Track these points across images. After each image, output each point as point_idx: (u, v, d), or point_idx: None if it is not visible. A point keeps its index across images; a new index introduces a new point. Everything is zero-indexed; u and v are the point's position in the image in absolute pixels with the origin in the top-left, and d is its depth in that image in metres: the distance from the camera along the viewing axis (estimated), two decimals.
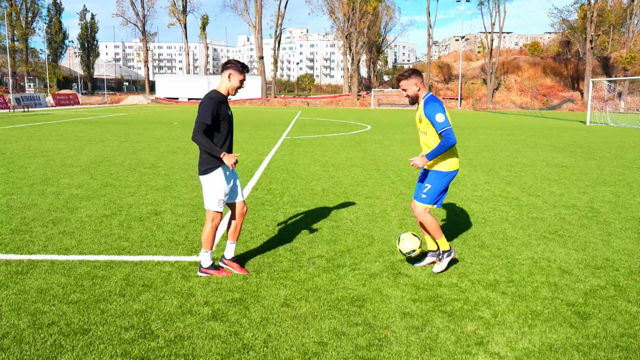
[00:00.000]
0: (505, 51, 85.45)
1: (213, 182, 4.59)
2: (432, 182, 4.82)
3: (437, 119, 4.60)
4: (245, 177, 10.14)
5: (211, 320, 3.85)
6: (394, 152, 15.05)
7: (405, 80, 4.76)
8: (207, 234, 4.69)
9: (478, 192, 8.99)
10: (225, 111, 4.58)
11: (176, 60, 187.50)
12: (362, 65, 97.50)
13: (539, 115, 45.60)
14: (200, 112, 4.44)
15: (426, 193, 4.84)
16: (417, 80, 4.74)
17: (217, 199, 4.62)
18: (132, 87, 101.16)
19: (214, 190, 4.61)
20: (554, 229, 6.62)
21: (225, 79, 4.61)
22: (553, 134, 23.19)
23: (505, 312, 4.08)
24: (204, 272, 4.73)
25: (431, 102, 4.67)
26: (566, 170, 11.79)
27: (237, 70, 4.60)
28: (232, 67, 4.60)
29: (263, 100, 69.78)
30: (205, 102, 4.47)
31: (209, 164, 4.57)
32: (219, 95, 4.57)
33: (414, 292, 4.45)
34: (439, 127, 4.59)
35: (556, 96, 68.56)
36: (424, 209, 4.86)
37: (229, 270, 4.80)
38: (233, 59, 4.70)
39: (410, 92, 4.78)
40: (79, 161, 12.11)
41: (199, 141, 4.42)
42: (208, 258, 4.73)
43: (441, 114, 4.60)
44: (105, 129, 22.65)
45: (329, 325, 3.80)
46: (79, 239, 5.79)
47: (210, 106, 4.43)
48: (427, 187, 4.83)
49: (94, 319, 3.82)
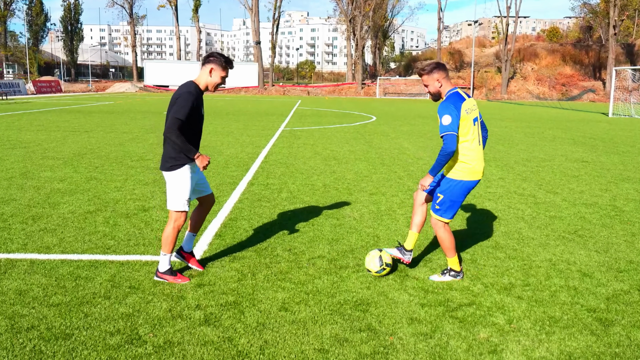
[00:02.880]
0: (521, 37, 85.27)
1: (179, 180, 4.51)
2: (444, 191, 4.68)
3: (443, 120, 4.46)
4: (241, 171, 10.13)
5: (203, 325, 3.84)
6: (401, 145, 15.04)
7: (426, 75, 4.63)
8: (167, 235, 4.58)
9: (492, 189, 8.97)
10: (198, 109, 4.54)
11: (166, 45, 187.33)
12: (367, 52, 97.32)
13: (558, 107, 45.56)
14: (177, 107, 4.35)
15: (440, 203, 4.69)
16: (439, 74, 4.60)
17: (184, 198, 4.55)
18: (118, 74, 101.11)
19: (180, 189, 4.53)
20: (574, 228, 6.61)
21: (206, 74, 4.53)
22: (573, 127, 23.16)
23: (520, 318, 4.07)
24: (159, 277, 4.60)
25: (445, 101, 4.55)
26: (587, 166, 11.78)
27: (220, 66, 4.52)
28: (215, 61, 4.50)
29: (260, 89, 69.71)
30: (184, 96, 4.40)
31: (175, 160, 4.48)
32: (198, 91, 4.52)
33: (422, 295, 4.44)
34: (441, 129, 4.45)
35: (576, 86, 68.46)
36: (441, 224, 4.72)
37: (186, 277, 4.64)
38: (217, 52, 4.62)
39: (432, 88, 4.64)
40: (61, 153, 12.11)
41: (173, 139, 4.32)
42: (167, 262, 4.62)
43: (449, 115, 4.43)
44: (90, 118, 22.64)
45: (331, 331, 3.79)
46: (61, 237, 5.79)
47: (189, 102, 4.38)
48: (440, 198, 4.68)
49: (77, 323, 3.82)
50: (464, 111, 4.51)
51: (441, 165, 4.52)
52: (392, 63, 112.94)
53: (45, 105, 32.79)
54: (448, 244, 4.75)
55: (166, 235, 4.60)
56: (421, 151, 13.89)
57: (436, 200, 4.72)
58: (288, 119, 24.28)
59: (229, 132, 17.71)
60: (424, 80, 4.69)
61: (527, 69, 72.09)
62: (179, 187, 4.53)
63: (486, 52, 79.59)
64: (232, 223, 6.51)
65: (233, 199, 7.83)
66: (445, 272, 4.82)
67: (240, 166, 10.76)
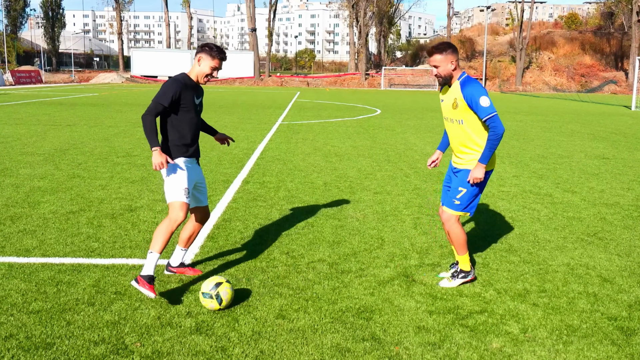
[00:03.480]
0: (537, 24, 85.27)
1: (174, 171, 4.52)
2: (466, 185, 4.66)
3: (482, 102, 4.43)
4: (235, 169, 10.14)
5: (194, 333, 3.85)
6: (408, 140, 15.05)
7: (439, 55, 4.55)
8: (162, 229, 4.39)
9: (505, 188, 8.98)
10: (190, 99, 4.54)
11: (155, 32, 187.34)
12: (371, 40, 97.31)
13: (577, 99, 45.57)
14: (159, 92, 4.44)
15: (460, 198, 4.67)
16: (453, 57, 4.57)
17: (182, 187, 4.50)
18: (103, 64, 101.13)
19: (178, 178, 4.51)
20: (594, 230, 6.61)
21: (195, 63, 4.62)
22: (593, 121, 23.16)
23: (536, 326, 4.07)
24: (136, 282, 4.24)
25: (472, 82, 4.53)
26: (608, 163, 11.78)
27: (209, 56, 4.56)
28: (204, 50, 4.58)
29: (256, 80, 69.73)
30: (168, 82, 4.50)
31: (169, 152, 4.52)
32: (186, 79, 4.56)
33: (430, 302, 4.44)
34: (485, 112, 4.42)
35: (596, 77, 68.45)
36: (455, 217, 4.72)
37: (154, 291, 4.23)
38: (211, 43, 4.69)
39: (444, 70, 4.59)
40: (41, 149, 12.12)
41: (144, 121, 4.38)
42: (152, 264, 4.31)
43: (486, 97, 4.44)
44: (73, 111, 22.65)
45: (332, 340, 3.80)
46: (41, 239, 5.79)
47: (173, 88, 4.44)
48: (462, 192, 4.66)
49: (59, 331, 3.82)
50: None
51: (492, 151, 4.53)
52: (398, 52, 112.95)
53: (24, 97, 32.80)
54: (462, 240, 4.75)
55: (160, 230, 4.40)
56: (429, 147, 13.89)
57: (456, 195, 4.69)
58: (286, 112, 24.29)
59: (222, 126, 17.73)
60: (434, 61, 4.59)
61: (543, 59, 72.09)
62: (174, 177, 4.51)
63: (499, 40, 79.57)
64: (226, 224, 6.51)
65: (227, 198, 7.84)
66: (454, 276, 4.80)
67: (235, 163, 10.77)
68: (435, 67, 4.61)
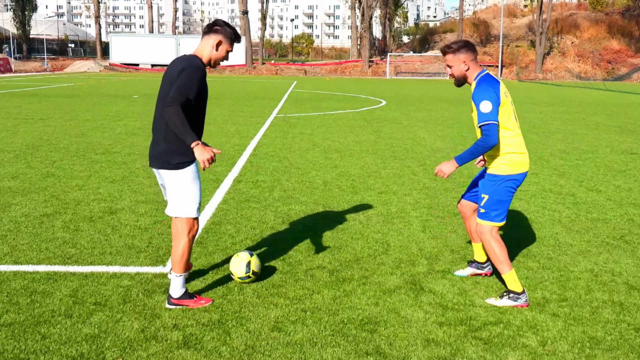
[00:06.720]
0: (559, 5, 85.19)
1: (189, 180, 4.38)
2: (488, 191, 4.65)
3: (482, 107, 4.44)
4: (226, 167, 10.16)
5: (182, 348, 3.87)
6: (416, 135, 15.06)
7: (451, 54, 4.62)
8: (182, 250, 4.39)
9: (523, 187, 9.00)
10: (206, 89, 4.46)
11: (136, 16, 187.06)
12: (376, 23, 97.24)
13: (602, 88, 45.57)
14: (185, 82, 4.18)
15: (485, 206, 4.66)
16: (467, 56, 4.60)
17: (195, 201, 4.42)
18: (79, 50, 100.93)
19: (191, 191, 4.40)
20: (620, 233, 6.64)
21: (211, 46, 4.41)
22: (620, 112, 23.17)
23: (556, 338, 4.10)
24: (175, 304, 4.43)
25: (483, 83, 4.55)
26: (636, 159, 11.80)
27: (229, 40, 4.44)
28: (224, 33, 4.41)
29: (248, 68, 69.65)
30: (193, 71, 4.26)
31: (184, 156, 4.32)
32: (203, 66, 4.40)
33: (440, 313, 4.47)
34: (481, 118, 4.44)
35: (624, 63, 68.42)
36: (487, 229, 4.68)
37: (209, 298, 4.57)
38: (221, 20, 4.50)
39: (457, 71, 4.63)
40: (11, 145, 12.12)
41: (172, 115, 4.06)
42: (180, 284, 4.45)
43: (488, 102, 4.43)
44: (46, 103, 22.64)
45: (332, 354, 3.82)
46: (12, 245, 5.81)
47: (199, 78, 4.27)
48: (485, 199, 4.65)
49: (33, 346, 3.84)
50: (502, 94, 4.54)
51: (473, 156, 4.57)
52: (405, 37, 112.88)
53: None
54: (499, 255, 4.64)
55: (180, 252, 4.40)
56: (439, 141, 13.91)
57: (480, 203, 4.71)
58: (281, 104, 24.28)
59: (211, 119, 17.70)
60: (447, 60, 4.68)
61: (566, 43, 72.03)
62: (189, 188, 4.38)
63: (517, 23, 79.52)
64: (216, 228, 6.54)
65: (216, 199, 7.86)
66: (503, 296, 4.66)
67: (225, 160, 10.78)
68: (448, 66, 4.70)
